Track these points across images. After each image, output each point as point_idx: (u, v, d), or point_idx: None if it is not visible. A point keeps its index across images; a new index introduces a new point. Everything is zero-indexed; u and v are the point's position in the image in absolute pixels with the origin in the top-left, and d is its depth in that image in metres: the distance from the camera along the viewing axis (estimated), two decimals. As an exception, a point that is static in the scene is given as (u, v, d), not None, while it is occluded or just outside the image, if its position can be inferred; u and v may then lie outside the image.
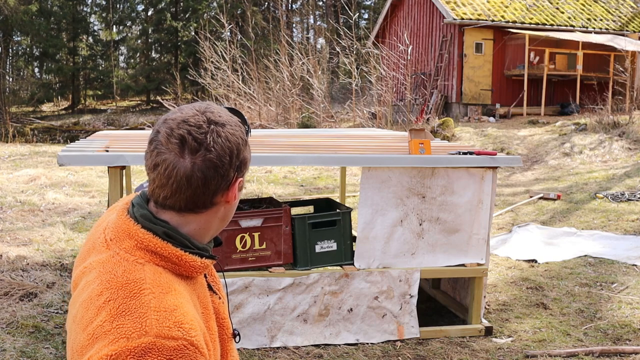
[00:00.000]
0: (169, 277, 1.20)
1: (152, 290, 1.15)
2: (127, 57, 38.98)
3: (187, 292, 1.23)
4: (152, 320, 1.11)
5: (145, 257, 1.20)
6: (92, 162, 3.65)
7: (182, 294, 1.19)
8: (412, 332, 4.14)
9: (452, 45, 18.88)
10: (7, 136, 18.23)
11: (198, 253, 1.26)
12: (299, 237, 4.02)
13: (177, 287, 1.20)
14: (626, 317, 4.54)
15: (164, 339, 1.09)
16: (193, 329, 1.13)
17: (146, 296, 1.14)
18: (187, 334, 1.12)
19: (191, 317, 1.15)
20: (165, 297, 1.15)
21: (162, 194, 1.21)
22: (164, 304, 1.14)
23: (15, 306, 4.51)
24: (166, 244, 1.21)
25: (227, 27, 19.45)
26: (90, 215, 8.07)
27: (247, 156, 1.26)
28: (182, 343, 1.10)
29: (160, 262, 1.21)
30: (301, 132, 7.35)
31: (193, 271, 1.26)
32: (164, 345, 1.09)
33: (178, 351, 1.09)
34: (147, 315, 1.11)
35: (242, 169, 1.24)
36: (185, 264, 1.23)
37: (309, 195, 9.67)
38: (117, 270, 1.19)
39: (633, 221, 7.43)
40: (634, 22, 20.03)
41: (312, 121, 17.91)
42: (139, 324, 1.10)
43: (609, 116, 13.70)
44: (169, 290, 1.17)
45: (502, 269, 5.83)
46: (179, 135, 1.17)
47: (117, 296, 1.15)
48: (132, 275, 1.17)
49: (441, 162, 4.02)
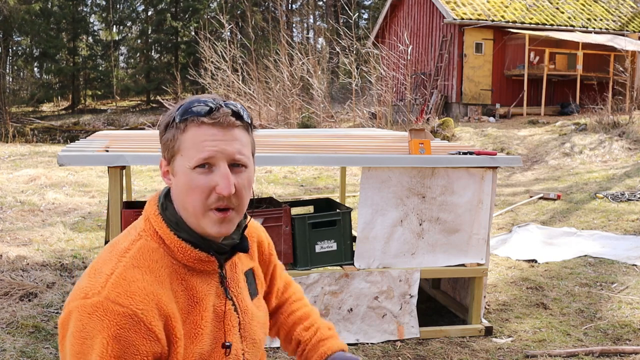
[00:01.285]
0: (156, 256, 1.31)
1: (127, 261, 1.28)
2: (127, 57, 38.99)
3: (171, 276, 1.31)
4: (109, 285, 1.24)
5: (148, 232, 1.35)
6: (92, 162, 3.65)
7: (155, 273, 1.29)
8: (412, 332, 4.14)
9: (452, 45, 18.88)
10: (7, 136, 18.23)
11: (192, 242, 1.33)
12: (299, 237, 4.02)
13: (155, 267, 1.30)
14: (626, 317, 4.54)
15: (112, 302, 1.22)
16: (143, 303, 1.24)
17: (119, 264, 1.28)
18: (135, 304, 1.23)
19: (148, 292, 1.25)
20: (133, 269, 1.27)
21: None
22: (127, 274, 1.26)
23: (15, 306, 4.51)
24: (162, 221, 1.34)
25: (227, 27, 19.45)
26: (90, 215, 8.07)
27: (164, 139, 1.34)
28: (127, 310, 1.21)
29: (158, 240, 1.34)
30: (301, 132, 7.35)
31: (185, 259, 1.33)
32: (109, 308, 1.21)
33: (121, 317, 1.21)
34: (108, 280, 1.25)
35: (162, 149, 1.35)
36: (176, 248, 1.33)
37: (309, 195, 9.67)
38: (122, 236, 1.37)
39: (633, 221, 7.43)
40: (634, 22, 20.03)
41: (312, 121, 17.91)
42: (98, 285, 1.24)
43: (609, 116, 13.70)
44: (141, 266, 1.28)
45: (502, 269, 5.83)
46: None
47: (103, 256, 1.32)
48: (124, 244, 1.33)
49: (441, 162, 4.02)
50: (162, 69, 33.78)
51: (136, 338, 1.22)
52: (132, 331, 1.22)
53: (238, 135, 1.32)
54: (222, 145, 1.29)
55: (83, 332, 1.21)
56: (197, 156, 1.28)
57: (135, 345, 1.22)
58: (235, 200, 1.32)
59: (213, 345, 1.36)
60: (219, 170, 1.29)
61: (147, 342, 1.23)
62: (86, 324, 1.21)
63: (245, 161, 1.33)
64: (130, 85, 34.81)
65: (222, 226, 1.33)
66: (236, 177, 1.31)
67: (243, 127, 1.34)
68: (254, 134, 1.40)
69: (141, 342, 1.23)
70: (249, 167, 1.35)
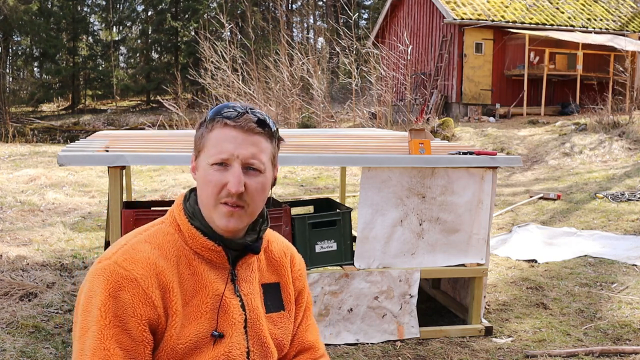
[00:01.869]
0: (170, 240, 1.45)
1: (141, 237, 1.44)
2: (127, 57, 38.98)
3: (180, 258, 1.43)
4: (119, 252, 1.41)
5: (169, 219, 1.49)
6: (92, 162, 3.65)
7: (163, 250, 1.42)
8: (412, 332, 4.14)
9: (452, 45, 18.88)
10: (7, 136, 18.22)
11: (202, 230, 1.44)
12: (298, 237, 4.02)
13: (166, 246, 1.43)
14: (626, 317, 4.54)
15: (117, 265, 1.37)
16: (144, 270, 1.37)
17: (133, 239, 1.44)
18: (136, 270, 1.37)
19: (150, 263, 1.39)
20: (144, 243, 1.43)
21: None
22: (137, 246, 1.42)
23: (15, 306, 4.51)
24: (182, 210, 1.47)
25: (227, 27, 19.44)
26: (90, 215, 8.07)
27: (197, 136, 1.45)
28: (128, 274, 1.36)
29: (176, 227, 1.47)
30: (301, 132, 7.35)
31: (195, 245, 1.44)
32: (114, 270, 1.36)
33: (122, 278, 1.35)
34: (119, 249, 1.42)
35: (194, 144, 1.46)
36: (188, 234, 1.45)
37: (309, 195, 9.67)
38: (150, 222, 1.52)
39: (633, 221, 7.43)
40: (634, 22, 20.02)
41: (312, 121, 17.90)
42: (110, 252, 1.42)
43: (609, 116, 13.70)
44: (151, 242, 1.43)
45: (502, 269, 5.83)
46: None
47: (126, 235, 1.49)
48: (147, 226, 1.49)
49: (441, 162, 4.02)
50: (162, 69, 33.77)
51: (134, 300, 1.35)
52: (130, 293, 1.35)
53: (257, 141, 1.40)
54: (239, 148, 1.39)
55: (90, 291, 1.36)
56: (216, 154, 1.39)
57: (132, 306, 1.35)
58: (247, 198, 1.40)
59: (208, 333, 1.43)
60: (232, 169, 1.39)
61: (143, 306, 1.36)
62: (94, 283, 1.37)
63: (259, 166, 1.41)
64: (130, 85, 34.80)
65: (230, 220, 1.41)
66: (249, 179, 1.40)
67: (265, 135, 1.42)
68: (279, 144, 1.49)
69: (137, 305, 1.35)
70: (265, 173, 1.43)
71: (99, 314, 1.33)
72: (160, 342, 1.39)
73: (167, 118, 19.65)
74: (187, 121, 17.60)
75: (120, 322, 1.33)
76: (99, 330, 1.32)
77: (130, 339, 1.34)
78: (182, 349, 1.39)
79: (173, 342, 1.38)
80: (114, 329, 1.32)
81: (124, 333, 1.33)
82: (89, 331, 1.33)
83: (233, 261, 1.48)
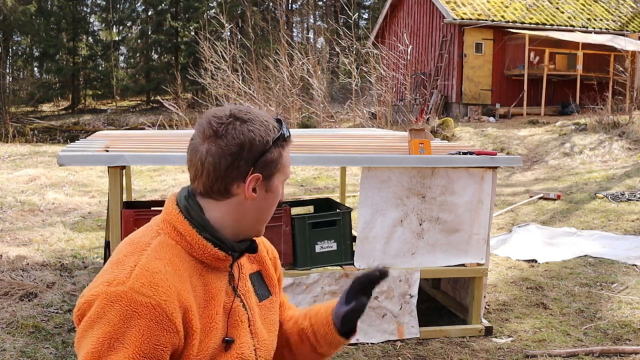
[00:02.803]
0: (175, 251, 1.34)
1: (149, 253, 1.31)
2: (127, 57, 38.99)
3: (190, 270, 1.35)
4: (133, 275, 1.26)
5: (166, 229, 1.37)
6: (92, 162, 3.65)
7: (175, 266, 1.32)
8: (412, 332, 4.14)
9: (452, 45, 18.88)
10: (7, 136, 18.21)
11: (212, 240, 1.36)
12: (298, 237, 4.02)
13: (175, 260, 1.33)
14: (626, 317, 4.54)
15: (135, 292, 1.24)
16: (166, 294, 1.26)
17: (142, 256, 1.31)
18: (158, 295, 1.25)
19: (170, 284, 1.28)
20: (155, 261, 1.30)
21: (190, 176, 1.37)
22: (150, 265, 1.29)
23: (15, 306, 4.51)
24: (184, 220, 1.36)
25: (227, 27, 19.44)
26: (90, 215, 8.07)
27: (272, 158, 1.35)
28: (150, 301, 1.24)
29: (176, 237, 1.36)
30: (301, 132, 7.35)
31: (204, 256, 1.37)
32: (133, 298, 1.23)
33: (144, 307, 1.23)
34: (132, 271, 1.27)
35: (261, 167, 1.34)
36: (196, 245, 1.35)
37: (309, 195, 9.67)
38: (139, 232, 1.39)
39: (633, 221, 7.43)
40: (634, 22, 20.02)
41: (312, 121, 17.90)
42: (122, 274, 1.27)
43: (609, 116, 13.70)
44: (163, 258, 1.31)
45: (502, 269, 5.83)
46: (203, 123, 1.33)
47: (124, 250, 1.34)
48: (144, 239, 1.36)
49: (441, 162, 4.02)
50: (162, 69, 33.77)
51: (157, 328, 1.25)
52: (153, 321, 1.24)
53: None
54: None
55: (104, 319, 1.23)
56: (288, 173, 1.42)
57: (156, 335, 1.24)
58: None
59: (221, 340, 1.40)
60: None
61: (167, 334, 1.26)
62: (107, 311, 1.23)
63: None
64: (130, 85, 34.81)
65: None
66: None
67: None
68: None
69: (162, 333, 1.25)
70: None
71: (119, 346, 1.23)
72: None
73: (167, 118, 19.65)
74: (187, 121, 17.60)
75: (143, 353, 1.24)
76: None
77: None
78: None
79: (192, 358, 1.33)
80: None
81: None
82: None
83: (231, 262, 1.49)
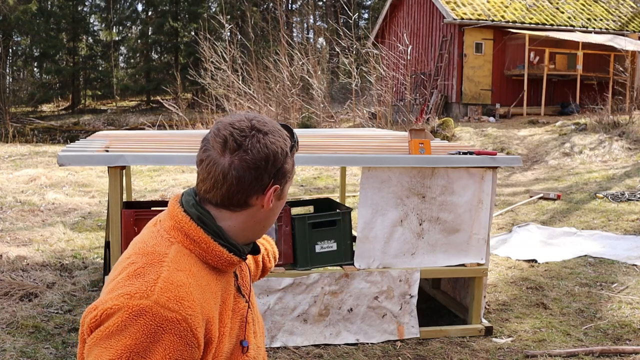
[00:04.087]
0: (192, 260, 1.32)
1: (169, 264, 1.27)
2: (127, 58, 38.99)
3: (207, 279, 1.33)
4: (157, 288, 1.22)
5: (178, 238, 1.33)
6: (92, 162, 3.65)
7: (196, 277, 1.29)
8: (412, 332, 4.14)
9: (452, 45, 18.88)
10: (7, 136, 18.21)
11: (227, 246, 1.35)
12: (299, 237, 4.02)
13: (194, 270, 1.30)
14: (626, 317, 4.54)
15: (161, 307, 1.20)
16: (191, 308, 1.23)
17: (162, 267, 1.27)
18: (184, 310, 1.22)
19: (194, 297, 1.25)
20: (177, 273, 1.27)
21: (204, 187, 1.33)
22: (173, 277, 1.25)
23: (15, 306, 4.51)
24: (198, 228, 1.33)
25: (227, 28, 19.44)
26: (90, 215, 8.07)
27: (288, 168, 1.35)
28: (176, 316, 1.20)
29: (190, 245, 1.33)
30: (301, 132, 7.35)
31: (219, 262, 1.35)
32: (158, 313, 1.20)
33: (169, 322, 1.20)
34: (155, 283, 1.23)
35: (279, 177, 1.34)
36: (212, 252, 1.33)
37: (309, 195, 9.67)
38: (150, 241, 1.34)
39: (633, 221, 7.43)
40: (634, 22, 20.02)
41: (312, 121, 17.90)
42: (145, 287, 1.22)
43: (609, 116, 13.70)
44: (184, 269, 1.28)
45: (502, 269, 5.83)
46: (223, 135, 1.29)
47: (139, 261, 1.29)
48: (159, 248, 1.31)
49: (441, 162, 4.02)
50: (162, 69, 33.76)
51: (181, 344, 1.21)
52: (177, 336, 1.21)
53: None
54: None
55: (125, 332, 1.19)
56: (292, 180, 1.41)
57: (179, 351, 1.21)
58: None
59: (235, 344, 1.40)
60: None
61: (189, 349, 1.23)
62: (131, 325, 1.19)
63: None
64: (130, 86, 34.80)
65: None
66: None
67: None
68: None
69: (185, 349, 1.22)
70: None
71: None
72: None
73: (167, 118, 19.66)
74: (187, 121, 17.60)
75: None
76: None
77: None
78: None
79: None
80: None
81: None
82: None
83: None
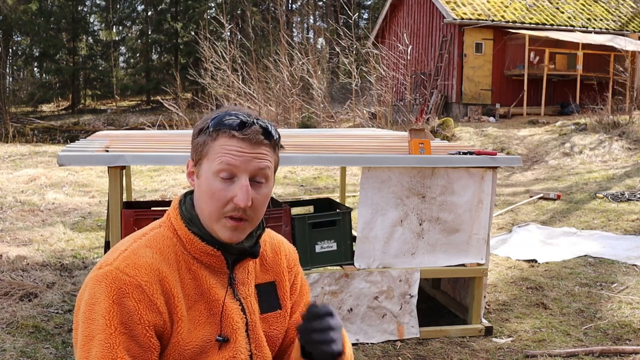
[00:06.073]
0: (170, 244, 1.42)
1: (141, 242, 1.41)
2: (126, 57, 38.99)
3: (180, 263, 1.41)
4: (120, 257, 1.37)
5: (166, 223, 1.46)
6: (92, 162, 3.65)
7: (164, 255, 1.40)
8: (412, 332, 4.14)
9: (452, 45, 18.88)
10: (7, 136, 18.20)
11: (200, 235, 1.42)
12: (299, 237, 4.02)
13: (165, 250, 1.41)
14: (626, 317, 4.54)
15: (120, 272, 1.34)
16: (148, 276, 1.35)
17: (134, 243, 1.41)
18: (140, 277, 1.34)
19: (154, 268, 1.36)
20: (145, 248, 1.40)
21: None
22: (138, 250, 1.39)
23: (15, 306, 4.51)
24: (178, 215, 1.45)
25: (227, 28, 19.44)
26: (90, 215, 8.07)
27: (196, 142, 1.41)
28: (132, 280, 1.33)
29: (173, 231, 1.44)
30: (301, 132, 7.35)
31: (194, 250, 1.43)
32: (116, 276, 1.34)
33: (126, 285, 1.33)
34: (120, 254, 1.39)
35: (192, 150, 1.43)
36: (186, 239, 1.43)
37: (309, 195, 9.67)
38: (147, 226, 1.49)
39: (633, 221, 7.43)
40: (634, 22, 20.02)
41: (312, 121, 17.90)
42: (111, 258, 1.39)
43: (609, 116, 13.70)
44: (152, 247, 1.40)
45: (502, 269, 5.83)
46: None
47: (124, 240, 1.46)
48: (144, 230, 1.47)
49: (441, 162, 4.02)
50: (162, 69, 33.76)
51: (140, 307, 1.33)
52: (135, 300, 1.33)
53: (264, 153, 1.39)
54: (247, 160, 1.37)
55: (92, 299, 1.33)
56: (222, 165, 1.36)
57: (138, 312, 1.33)
58: (250, 212, 1.39)
59: (213, 338, 1.43)
60: (240, 182, 1.37)
61: (149, 312, 1.34)
62: (95, 290, 1.34)
63: (264, 178, 1.41)
64: (129, 85, 34.80)
65: (234, 234, 1.40)
66: (255, 191, 1.39)
67: (270, 146, 1.41)
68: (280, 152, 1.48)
69: (144, 312, 1.33)
70: (269, 182, 1.43)
71: (104, 322, 1.31)
72: (166, 348, 1.38)
73: (167, 118, 19.65)
74: (187, 121, 17.60)
75: (127, 329, 1.31)
76: (105, 338, 1.30)
77: (137, 345, 1.32)
78: (189, 354, 1.39)
79: (180, 347, 1.38)
80: (121, 337, 1.31)
81: (131, 340, 1.32)
82: (94, 339, 1.31)
83: (231, 265, 1.48)
